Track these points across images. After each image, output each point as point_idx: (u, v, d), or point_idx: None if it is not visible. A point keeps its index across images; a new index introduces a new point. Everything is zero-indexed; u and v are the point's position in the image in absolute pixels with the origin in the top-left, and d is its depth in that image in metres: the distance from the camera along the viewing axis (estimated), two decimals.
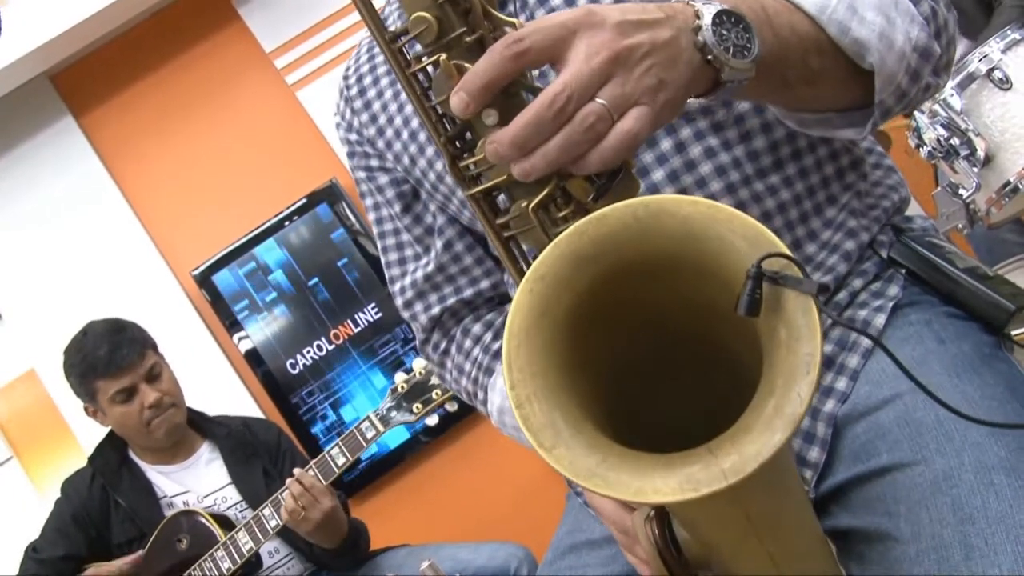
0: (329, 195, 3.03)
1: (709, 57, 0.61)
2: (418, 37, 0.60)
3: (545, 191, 0.60)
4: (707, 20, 0.61)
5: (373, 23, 0.63)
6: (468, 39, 0.59)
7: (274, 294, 3.02)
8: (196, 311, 3.03)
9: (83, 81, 3.09)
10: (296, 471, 2.00)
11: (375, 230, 1.05)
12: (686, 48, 0.61)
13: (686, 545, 0.63)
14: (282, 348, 2.99)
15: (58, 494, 2.17)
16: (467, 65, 0.59)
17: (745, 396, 0.52)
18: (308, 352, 2.98)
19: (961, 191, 1.69)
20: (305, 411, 2.96)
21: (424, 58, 0.61)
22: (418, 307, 1.02)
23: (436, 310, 1.01)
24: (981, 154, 1.69)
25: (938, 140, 1.72)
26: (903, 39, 0.73)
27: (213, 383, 2.91)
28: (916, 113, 1.77)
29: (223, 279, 3.02)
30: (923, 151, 1.79)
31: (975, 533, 0.64)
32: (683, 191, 0.80)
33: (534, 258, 0.66)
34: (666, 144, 0.81)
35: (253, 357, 2.98)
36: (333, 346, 2.98)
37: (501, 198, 0.65)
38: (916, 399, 0.74)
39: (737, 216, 0.53)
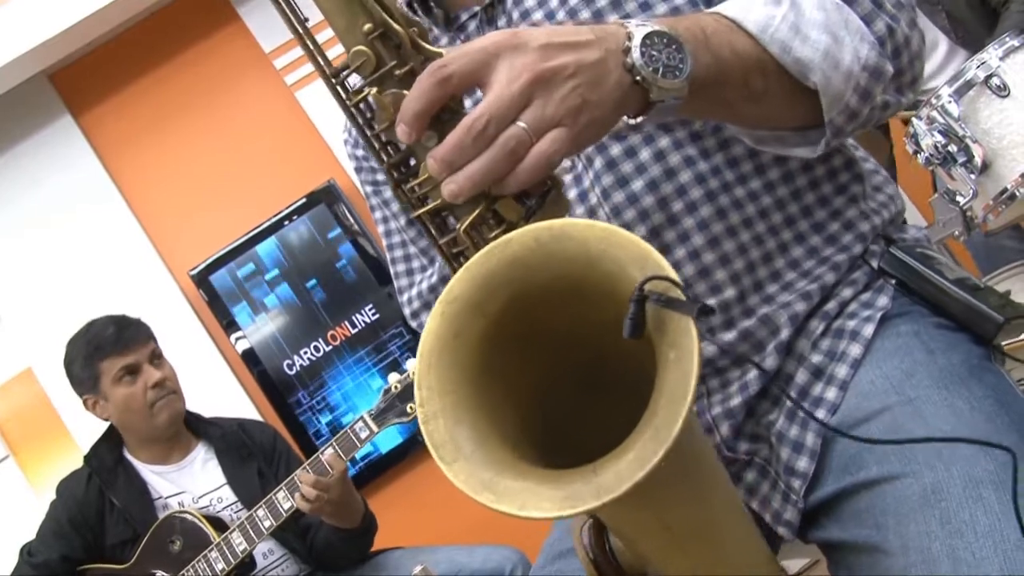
0: (327, 196, 3.02)
1: (638, 78, 0.62)
2: (358, 70, 0.63)
3: (475, 213, 0.62)
4: (636, 41, 0.62)
5: (319, 60, 0.67)
6: (398, 72, 0.63)
7: (271, 295, 3.02)
8: (193, 311, 3.03)
9: (82, 80, 3.09)
10: (298, 477, 2.00)
11: (384, 242, 1.07)
12: (614, 69, 0.61)
13: (620, 554, 0.65)
14: (279, 349, 2.98)
15: (54, 494, 2.17)
16: (404, 93, 0.61)
17: (639, 416, 0.53)
18: (305, 353, 2.98)
19: (958, 198, 1.68)
20: (302, 412, 2.96)
21: (364, 90, 0.64)
22: (425, 317, 1.03)
23: None
24: (978, 161, 1.69)
25: (935, 147, 1.71)
26: (851, 58, 0.73)
27: (210, 383, 2.91)
28: (914, 119, 1.77)
29: (220, 279, 3.01)
30: (920, 157, 1.79)
31: (963, 547, 0.64)
32: (663, 200, 0.81)
33: None
34: (645, 154, 0.82)
35: (250, 357, 2.98)
36: (330, 347, 2.98)
37: (451, 219, 0.67)
38: (905, 411, 0.74)
39: (630, 239, 0.54)
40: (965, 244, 2.21)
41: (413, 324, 1.05)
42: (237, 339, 2.99)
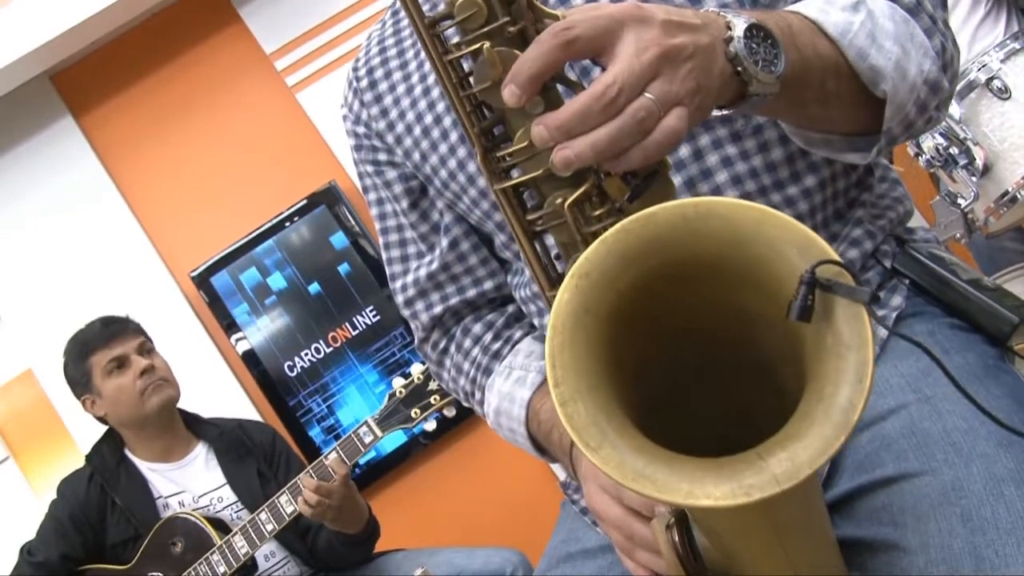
0: (328, 197, 3.02)
1: (739, 69, 0.62)
2: (464, 21, 0.59)
3: (583, 188, 0.60)
4: (739, 31, 0.62)
5: (412, 7, 0.63)
6: (511, 29, 0.59)
7: (272, 296, 3.02)
8: (194, 312, 3.02)
9: (83, 81, 3.09)
10: (302, 478, 2.00)
11: (378, 225, 1.04)
12: (720, 56, 0.61)
13: (706, 552, 0.62)
14: (280, 350, 2.98)
15: (54, 495, 2.17)
16: (515, 52, 0.58)
17: (782, 403, 0.52)
18: (306, 355, 2.98)
19: (960, 200, 1.69)
20: (302, 414, 2.96)
21: (464, 46, 0.60)
22: (419, 305, 1.01)
23: (438, 309, 1.00)
24: (980, 163, 1.70)
25: (936, 149, 1.72)
26: (916, 71, 0.75)
27: (210, 385, 2.90)
28: None
29: (221, 281, 3.01)
30: (921, 160, 1.80)
31: (985, 544, 0.63)
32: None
33: (557, 257, 0.65)
34: (684, 151, 0.82)
35: (250, 359, 2.98)
36: (331, 348, 2.98)
37: (526, 194, 0.65)
38: (922, 409, 0.73)
39: (790, 223, 0.53)
40: (967, 246, 2.22)
41: (405, 312, 1.03)
42: (237, 340, 2.99)
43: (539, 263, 0.66)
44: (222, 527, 2.09)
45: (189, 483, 2.18)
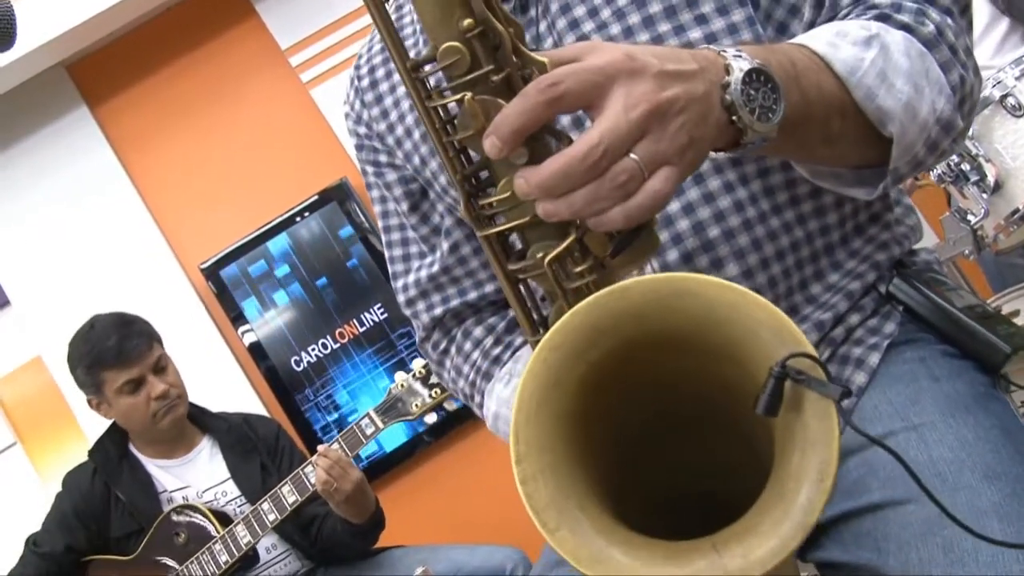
0: (339, 194, 3.04)
1: (734, 118, 0.59)
2: (448, 68, 0.57)
3: (565, 244, 0.58)
4: (736, 76, 0.59)
5: (394, 48, 0.60)
6: (495, 78, 0.56)
7: (281, 291, 3.03)
8: (203, 305, 3.04)
9: (99, 72, 3.11)
10: (321, 447, 2.01)
11: (380, 223, 1.05)
12: (716, 105, 0.59)
13: None
14: (287, 344, 3.00)
15: (60, 483, 2.19)
16: (500, 101, 0.56)
17: (752, 482, 0.52)
18: (313, 350, 2.99)
19: (969, 216, 1.69)
20: (308, 408, 2.98)
21: (447, 93, 0.58)
22: (420, 306, 1.01)
23: (439, 311, 1.00)
24: (991, 180, 1.69)
25: (948, 164, 1.72)
26: (928, 110, 0.72)
27: (217, 377, 2.92)
28: None
29: (230, 274, 3.03)
30: (933, 175, 1.79)
31: None
32: (699, 224, 0.80)
33: (543, 298, 0.63)
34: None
35: (257, 351, 3.00)
36: (338, 344, 2.99)
37: (513, 236, 0.63)
38: (910, 437, 0.74)
39: (764, 306, 0.52)
40: (977, 261, 2.22)
41: (406, 312, 1.03)
42: (244, 332, 3.00)
43: (523, 309, 0.64)
44: (225, 520, 2.10)
45: (193, 478, 2.19)
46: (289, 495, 2.04)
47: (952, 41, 0.75)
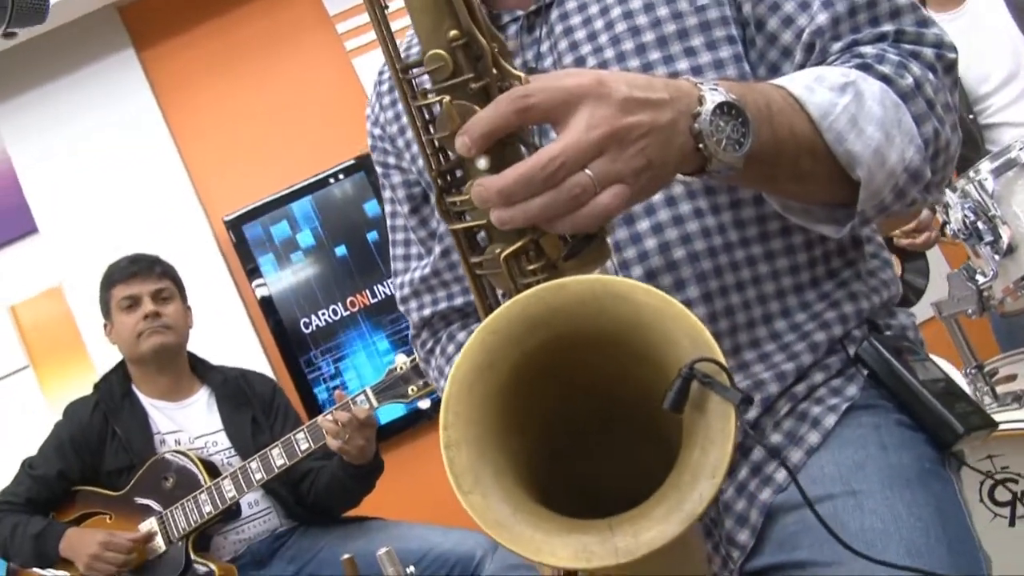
0: (367, 165, 3.07)
1: (700, 146, 0.63)
2: (432, 73, 0.63)
3: (520, 243, 0.63)
4: (708, 107, 0.63)
5: (390, 51, 0.66)
6: (474, 85, 0.62)
7: (299, 252, 3.08)
8: (222, 255, 3.10)
9: (149, 16, 3.16)
10: (320, 420, 2.06)
11: (388, 222, 1.09)
12: (681, 132, 0.63)
13: None
14: (298, 305, 3.05)
15: (71, 401, 2.28)
16: (475, 107, 0.61)
17: (661, 475, 0.56)
18: (323, 314, 3.04)
19: (978, 276, 1.68)
20: (311, 371, 3.03)
21: (431, 95, 0.64)
22: (412, 304, 1.06)
23: (427, 312, 1.04)
24: (1005, 242, 1.68)
25: (964, 221, 1.71)
26: (896, 159, 0.74)
27: (226, 329, 2.98)
28: (948, 190, 1.76)
29: (253, 230, 3.08)
30: (948, 228, 1.79)
31: None
32: (665, 244, 0.83)
33: (504, 295, 0.68)
34: (657, 197, 0.83)
35: (268, 306, 3.05)
36: (348, 312, 3.04)
37: (482, 235, 0.68)
38: (847, 503, 0.76)
39: (686, 315, 0.57)
40: (988, 316, 2.21)
41: (401, 308, 1.08)
42: (258, 286, 3.06)
43: (483, 301, 0.71)
44: (213, 470, 2.16)
45: (187, 423, 2.26)
46: (278, 458, 2.09)
47: (930, 95, 0.78)
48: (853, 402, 0.83)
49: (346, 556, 1.56)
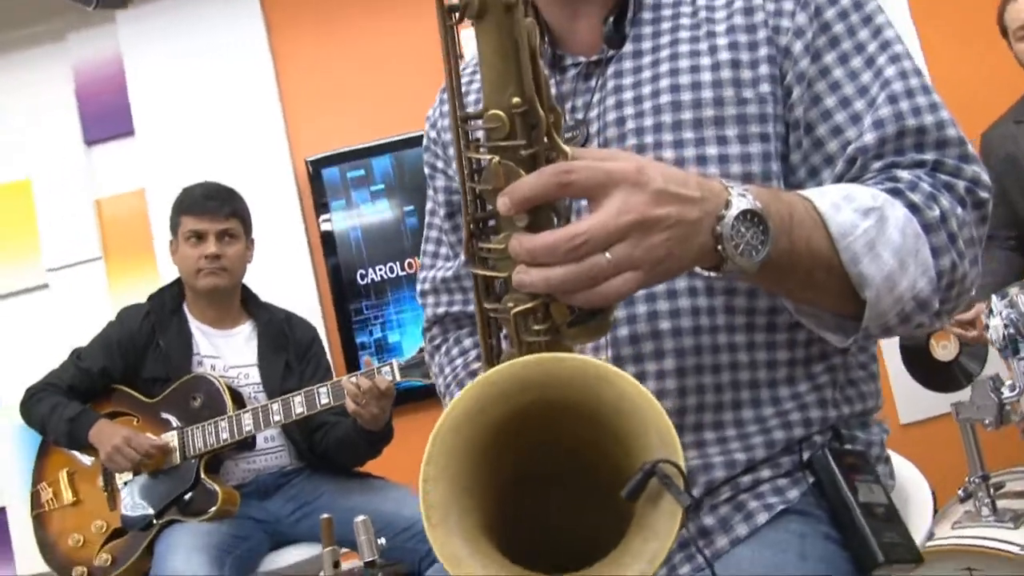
0: None
1: (719, 247, 0.68)
2: (488, 130, 0.67)
3: (532, 303, 0.68)
4: (732, 213, 0.68)
5: (455, 100, 0.71)
6: (524, 152, 0.66)
7: (370, 203, 3.17)
8: (298, 194, 3.21)
9: None
10: (344, 380, 2.15)
11: (427, 217, 1.16)
12: (704, 232, 0.68)
13: None
14: (358, 253, 3.14)
15: (125, 305, 2.43)
16: (520, 171, 0.66)
17: (609, 547, 0.62)
18: (380, 269, 3.13)
19: (1003, 390, 1.65)
20: (357, 320, 3.13)
21: (483, 150, 0.69)
22: (430, 299, 1.13)
23: (441, 310, 1.11)
24: None
25: (1005, 333, 1.68)
26: (907, 286, 0.78)
27: (287, 265, 3.10)
28: (994, 296, 1.73)
29: (331, 174, 3.19)
30: (989, 332, 1.76)
31: None
32: (654, 313, 0.87)
33: (506, 337, 0.74)
34: None
35: (329, 243, 3.15)
36: (404, 273, 3.13)
37: (499, 282, 0.73)
38: None
39: (661, 415, 0.61)
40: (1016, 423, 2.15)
41: (419, 300, 1.15)
42: (323, 220, 3.16)
43: (486, 341, 0.75)
44: (239, 400, 2.28)
45: (227, 352, 2.38)
46: (298, 406, 2.19)
47: (954, 229, 0.80)
48: (790, 505, 0.86)
49: (324, 516, 1.65)
